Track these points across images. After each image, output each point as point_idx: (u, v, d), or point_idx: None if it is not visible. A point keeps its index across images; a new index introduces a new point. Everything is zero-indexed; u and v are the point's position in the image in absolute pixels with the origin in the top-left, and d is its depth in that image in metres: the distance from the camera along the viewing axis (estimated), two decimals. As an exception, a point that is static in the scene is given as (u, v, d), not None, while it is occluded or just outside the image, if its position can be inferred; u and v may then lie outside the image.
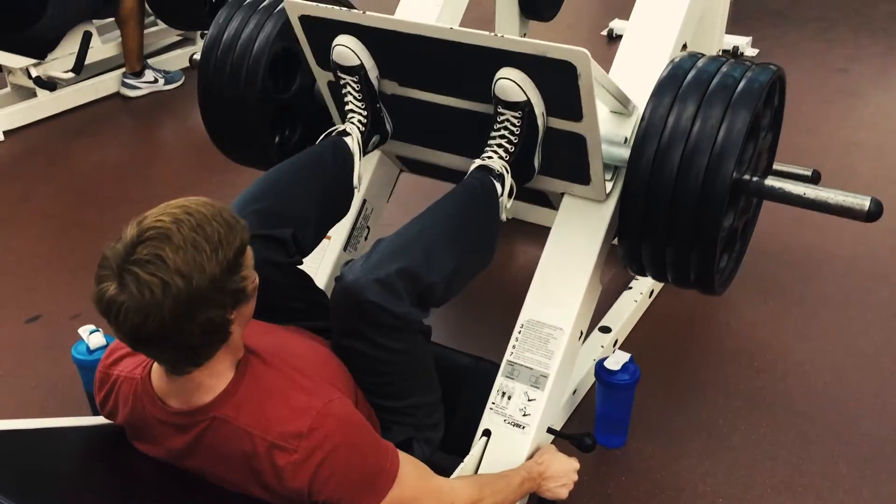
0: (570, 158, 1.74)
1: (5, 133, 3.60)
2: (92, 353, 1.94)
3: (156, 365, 1.34)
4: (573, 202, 1.85)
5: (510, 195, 1.73)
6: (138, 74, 3.95)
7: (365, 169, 2.03)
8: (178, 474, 1.36)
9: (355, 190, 1.81)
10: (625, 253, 1.78)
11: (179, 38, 4.40)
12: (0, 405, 2.14)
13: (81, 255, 2.76)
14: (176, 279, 1.14)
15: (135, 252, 1.15)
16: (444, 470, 1.54)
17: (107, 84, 3.96)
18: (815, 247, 2.72)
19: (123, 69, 3.96)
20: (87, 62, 3.78)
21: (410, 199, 2.49)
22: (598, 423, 1.98)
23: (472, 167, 1.72)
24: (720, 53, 2.64)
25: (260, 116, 2.08)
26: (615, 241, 1.94)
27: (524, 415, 1.71)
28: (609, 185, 1.80)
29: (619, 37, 4.32)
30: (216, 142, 2.24)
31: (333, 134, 1.81)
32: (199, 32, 4.31)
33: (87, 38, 3.75)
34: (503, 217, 1.74)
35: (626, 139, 1.78)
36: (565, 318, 1.77)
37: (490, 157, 1.70)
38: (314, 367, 1.42)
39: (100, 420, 1.52)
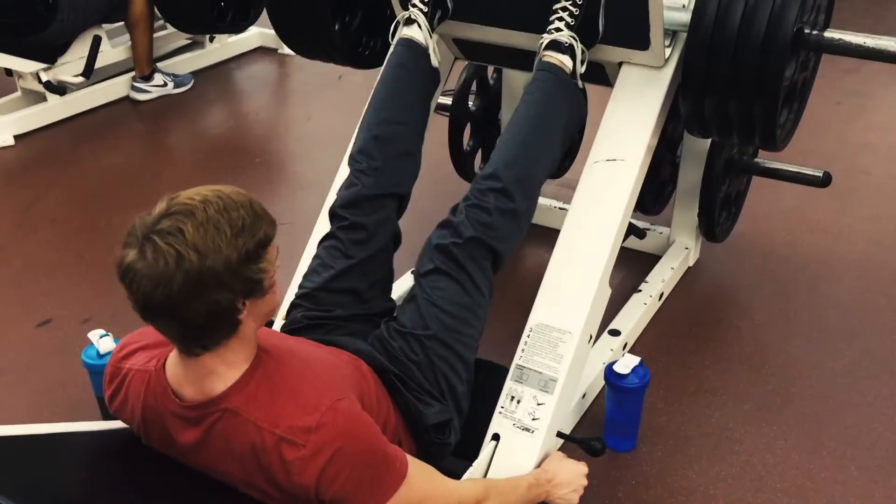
0: (631, 23, 1.79)
1: (16, 137, 3.61)
2: (102, 357, 1.94)
3: (170, 357, 1.34)
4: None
5: (583, 62, 1.82)
6: (148, 78, 3.97)
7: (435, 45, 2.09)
8: (187, 478, 1.37)
9: (438, 66, 1.94)
10: (688, 112, 1.83)
11: (188, 41, 4.42)
12: (11, 409, 2.15)
13: (91, 260, 2.77)
14: (191, 253, 1.17)
15: (159, 223, 1.19)
16: (453, 474, 1.53)
17: (116, 88, 3.98)
18: (827, 249, 2.71)
19: (133, 73, 3.97)
20: (96, 66, 3.79)
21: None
22: (608, 427, 1.98)
23: (541, 45, 1.80)
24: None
25: (321, 2, 2.13)
26: (624, 244, 1.94)
27: (533, 419, 1.70)
28: (668, 51, 1.84)
29: None
30: (281, 33, 2.30)
31: (401, 26, 1.90)
32: (207, 36, 4.32)
33: (96, 42, 3.76)
34: (581, 85, 1.86)
35: (683, 5, 1.82)
36: (575, 321, 1.76)
37: (557, 29, 1.77)
38: (326, 369, 1.42)
39: (111, 425, 1.52)
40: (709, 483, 1.90)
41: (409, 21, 1.92)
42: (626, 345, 2.27)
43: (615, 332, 2.24)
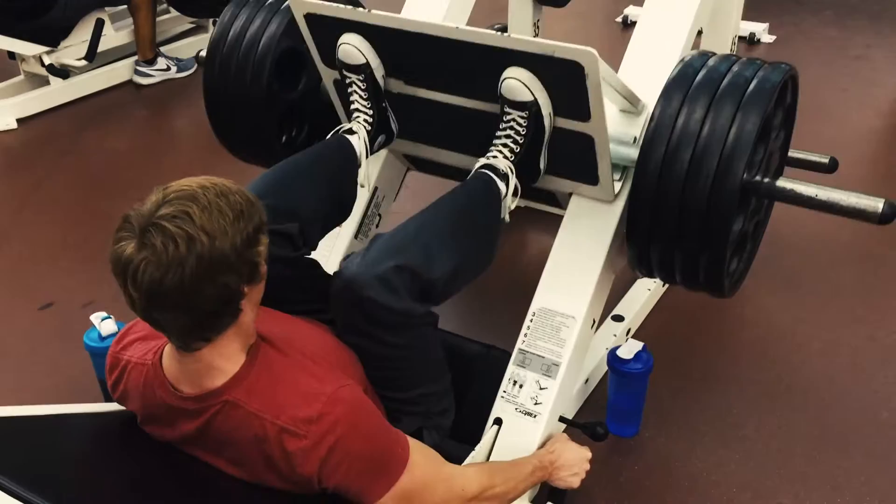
0: (578, 158, 1.72)
1: (19, 121, 3.61)
2: (104, 340, 1.94)
3: (167, 349, 1.33)
4: (582, 202, 1.82)
5: (514, 195, 1.71)
6: (151, 62, 3.95)
7: (373, 164, 2.02)
8: (189, 461, 1.36)
9: (361, 188, 1.79)
10: (633, 255, 1.75)
11: (192, 25, 4.40)
12: (14, 391, 2.15)
13: (94, 243, 2.77)
14: (201, 236, 1.15)
15: (159, 210, 1.16)
16: (455, 458, 1.53)
17: (119, 72, 3.97)
18: (832, 235, 2.69)
19: (136, 57, 3.96)
20: (99, 50, 3.79)
21: (423, 189, 2.49)
22: (611, 412, 1.97)
23: (477, 165, 1.70)
24: (736, 40, 2.61)
25: (266, 115, 2.06)
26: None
27: (536, 403, 1.70)
28: (618, 186, 1.77)
29: (634, 23, 4.29)
30: (222, 139, 2.22)
31: (340, 132, 1.79)
32: (211, 20, 4.30)
33: (99, 25, 3.75)
34: (506, 217, 1.72)
35: (635, 138, 1.75)
36: (578, 306, 1.75)
37: (495, 157, 1.68)
38: (324, 354, 1.42)
39: (112, 406, 1.52)
40: (712, 469, 1.89)
41: (350, 132, 1.78)
42: (629, 330, 2.26)
43: (619, 318, 2.23)
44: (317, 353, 1.39)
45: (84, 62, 3.73)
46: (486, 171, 1.68)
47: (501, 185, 1.67)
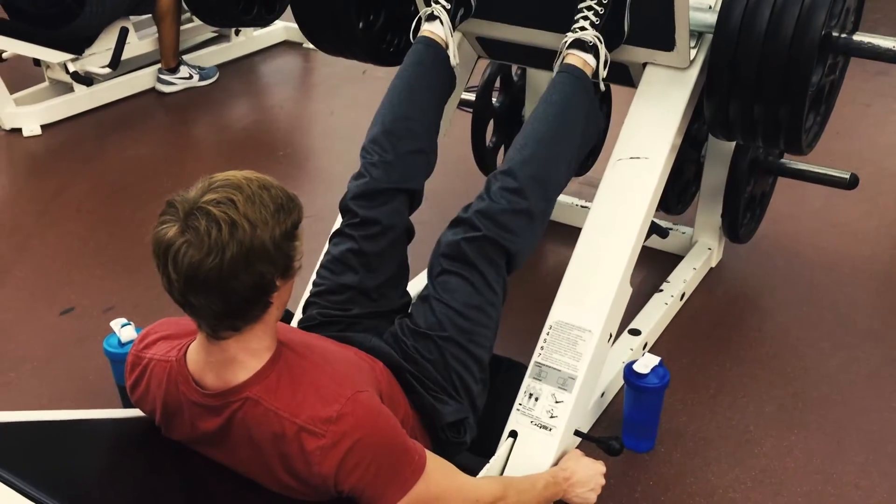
0: (656, 23, 1.76)
1: (43, 127, 3.65)
2: (123, 346, 1.96)
3: (192, 346, 1.34)
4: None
5: (605, 64, 1.79)
6: (173, 70, 3.99)
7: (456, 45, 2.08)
8: (207, 466, 1.37)
9: (455, 66, 1.93)
10: (712, 115, 1.81)
11: (214, 34, 4.44)
12: (33, 396, 2.17)
13: (115, 250, 2.80)
14: (244, 222, 1.18)
15: (205, 196, 1.19)
16: (470, 470, 1.53)
17: (142, 80, 4.01)
18: (852, 252, 2.68)
19: (159, 65, 4.00)
20: (123, 58, 3.82)
21: (446, 198, 2.49)
22: (626, 427, 1.97)
23: (565, 43, 1.77)
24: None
25: (343, 2, 2.12)
26: (646, 243, 1.93)
27: (551, 417, 1.70)
28: (693, 53, 1.81)
29: None
30: (305, 31, 2.30)
31: (423, 23, 1.89)
32: (233, 29, 4.34)
33: (123, 34, 3.79)
34: (601, 87, 1.83)
35: (710, 6, 1.80)
36: (595, 319, 1.75)
37: (582, 28, 1.75)
38: (343, 363, 1.43)
39: (131, 413, 1.53)
40: (728, 486, 1.88)
41: (431, 17, 1.91)
42: (646, 344, 2.25)
43: (635, 332, 2.22)
44: (336, 360, 1.40)
45: (108, 70, 3.77)
46: (573, 57, 1.78)
47: (591, 59, 1.78)
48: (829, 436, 2.01)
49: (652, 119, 1.87)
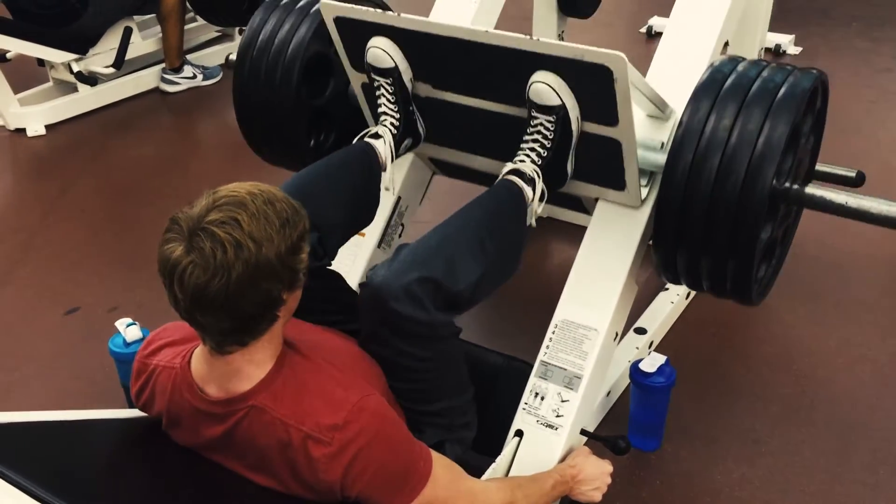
0: (605, 163, 1.72)
1: (47, 127, 3.65)
2: (128, 346, 1.96)
3: (196, 352, 1.34)
4: (608, 207, 1.82)
5: (541, 199, 1.71)
6: (177, 70, 3.99)
7: (398, 168, 2.03)
8: (213, 468, 1.37)
9: (387, 191, 1.80)
10: (660, 261, 1.74)
11: (218, 34, 4.44)
12: (38, 396, 2.18)
13: (119, 249, 2.80)
14: (249, 243, 1.17)
15: (208, 215, 1.18)
16: (476, 470, 1.53)
17: (146, 79, 4.01)
18: (858, 249, 2.67)
19: (163, 65, 4.00)
20: (127, 58, 3.82)
21: (446, 198, 2.49)
22: (633, 426, 1.96)
23: (504, 171, 1.70)
24: (762, 52, 2.59)
25: (294, 120, 2.08)
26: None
27: (557, 416, 1.69)
28: (644, 191, 1.77)
29: (659, 34, 4.27)
30: (250, 143, 2.25)
31: (366, 137, 1.80)
32: (237, 28, 4.34)
33: (127, 33, 3.79)
34: (532, 223, 1.72)
35: (662, 144, 1.74)
36: (600, 318, 1.75)
37: (522, 161, 1.68)
38: (349, 364, 1.42)
39: (136, 413, 1.53)
40: (734, 485, 1.87)
41: (376, 136, 1.78)
42: (651, 343, 2.25)
43: (641, 331, 2.21)
44: (342, 362, 1.40)
45: (112, 70, 3.78)
46: (513, 177, 1.68)
47: (528, 189, 1.67)
48: (836, 434, 2.00)
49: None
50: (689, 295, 2.43)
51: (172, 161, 3.46)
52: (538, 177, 1.68)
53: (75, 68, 3.68)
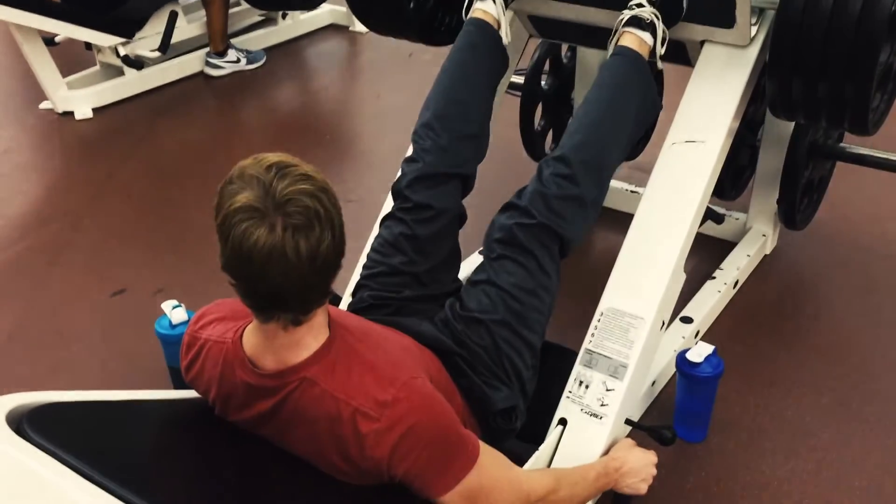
0: None
1: (94, 110, 3.70)
2: (174, 328, 1.97)
3: (249, 328, 1.34)
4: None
5: (663, 42, 1.75)
6: (221, 54, 4.01)
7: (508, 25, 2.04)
8: (260, 448, 1.37)
9: (507, 44, 1.91)
10: (774, 94, 1.75)
11: (261, 18, 4.45)
12: (85, 376, 2.21)
13: (165, 232, 2.83)
14: (321, 194, 1.18)
15: (281, 187, 1.16)
16: (518, 457, 1.51)
17: (191, 63, 4.03)
18: (913, 239, 2.59)
19: (207, 49, 4.02)
20: (172, 42, 3.85)
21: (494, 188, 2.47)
22: (678, 417, 1.93)
23: (622, 20, 1.74)
24: None
25: None
26: (701, 230, 1.88)
27: (602, 405, 1.67)
28: (753, 30, 1.76)
29: None
30: (355, 10, 2.30)
31: (475, 1, 1.87)
32: (280, 13, 4.35)
33: (173, 17, 3.82)
34: (659, 66, 1.79)
35: None
36: (647, 307, 1.72)
37: (639, 5, 1.72)
38: (399, 349, 1.42)
39: (182, 394, 1.54)
40: (783, 479, 1.83)
41: None
42: (697, 333, 2.21)
43: (687, 320, 2.18)
44: (390, 346, 1.39)
45: (158, 53, 3.81)
46: (630, 37, 1.74)
47: (648, 38, 1.73)
48: (888, 428, 1.95)
49: (709, 101, 1.82)
50: (736, 284, 2.38)
51: (217, 145, 3.48)
52: (657, 19, 1.72)
53: (122, 52, 3.72)
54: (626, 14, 1.74)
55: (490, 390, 1.56)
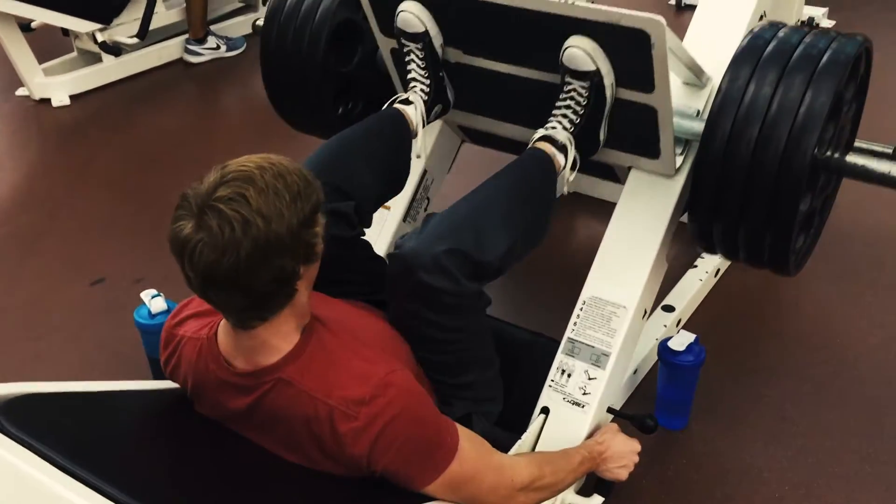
0: (639, 131, 1.68)
1: (72, 97, 3.66)
2: (153, 317, 1.96)
3: (222, 324, 1.33)
4: (641, 177, 1.79)
5: (573, 168, 1.68)
6: (201, 41, 3.97)
7: (427, 136, 2.00)
8: (237, 440, 1.37)
9: (418, 158, 1.80)
10: (695, 231, 1.72)
11: (241, 4, 4.41)
12: (64, 366, 2.19)
13: (144, 220, 2.80)
14: (257, 219, 1.15)
15: (216, 192, 1.16)
16: (502, 446, 1.51)
17: (170, 50, 3.99)
18: (893, 227, 2.61)
19: (187, 35, 3.98)
20: (151, 28, 3.81)
21: (471, 171, 2.46)
22: (660, 404, 1.94)
23: (535, 137, 1.67)
24: (798, 24, 2.53)
25: (322, 88, 2.07)
26: (682, 219, 1.88)
27: (584, 393, 1.67)
28: (679, 160, 1.74)
29: (687, 6, 4.19)
30: (278, 110, 2.24)
31: (396, 103, 1.78)
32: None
33: (151, 3, 3.77)
34: (565, 191, 1.69)
35: (698, 112, 1.71)
36: (629, 295, 1.72)
37: (554, 128, 1.66)
38: (375, 339, 1.41)
39: (161, 384, 1.53)
40: (763, 465, 1.85)
41: (406, 102, 1.77)
42: (679, 321, 2.21)
43: (669, 308, 2.18)
44: (369, 337, 1.39)
45: (136, 40, 3.76)
46: (544, 146, 1.65)
47: (560, 156, 1.65)
48: (868, 415, 1.96)
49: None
50: (718, 272, 2.39)
51: (196, 132, 3.45)
52: (571, 144, 1.65)
53: (100, 38, 3.67)
54: (541, 132, 1.67)
55: (444, 406, 1.48)
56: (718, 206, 1.62)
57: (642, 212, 1.76)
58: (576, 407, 1.66)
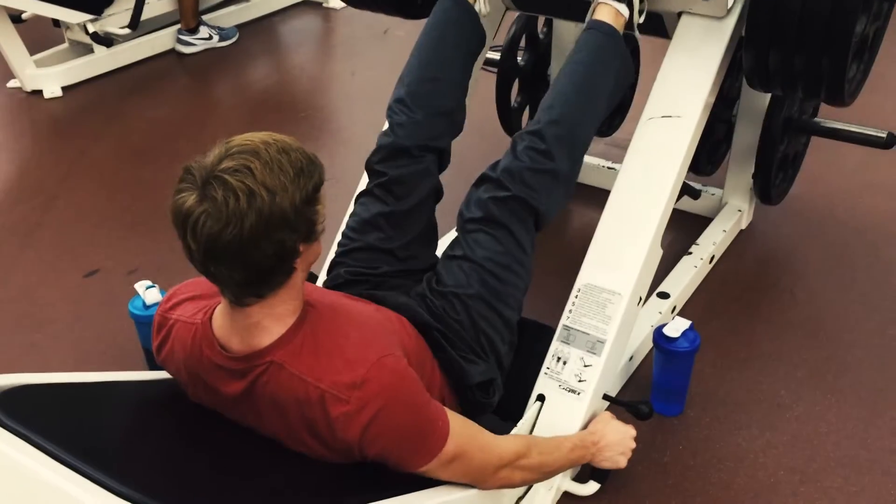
0: None
1: (64, 89, 3.63)
2: (148, 308, 1.95)
3: (218, 309, 1.33)
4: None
5: (641, 12, 1.76)
6: (193, 31, 3.95)
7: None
8: (233, 428, 1.36)
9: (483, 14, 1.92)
10: (751, 65, 1.75)
11: (234, -6, 4.39)
12: (59, 358, 2.18)
13: (138, 212, 2.79)
14: (262, 191, 1.15)
15: (221, 163, 1.16)
16: (497, 434, 1.51)
17: (162, 41, 3.97)
18: (888, 213, 2.61)
19: (179, 26, 3.96)
20: (143, 18, 3.78)
21: (471, 170, 2.45)
22: (655, 391, 1.94)
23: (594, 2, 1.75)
24: None
25: None
26: (677, 206, 1.88)
27: (580, 380, 1.67)
28: (730, 0, 1.76)
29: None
30: None
31: None
32: (252, -11, 4.29)
33: (142, -6, 3.75)
34: (637, 35, 1.80)
35: None
36: (624, 282, 1.72)
37: None
38: (372, 324, 1.41)
39: (156, 375, 1.52)
40: (758, 451, 1.85)
41: None
42: (674, 308, 2.22)
43: (664, 295, 2.18)
44: (363, 323, 1.38)
45: (127, 31, 3.74)
46: (602, 14, 1.76)
47: (624, 9, 1.74)
48: (863, 400, 1.97)
49: (686, 74, 1.81)
50: (712, 259, 2.39)
51: (189, 123, 3.43)
52: None
53: (91, 29, 3.65)
54: None
55: (467, 364, 1.56)
56: (774, 37, 1.66)
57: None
58: (571, 394, 1.66)
